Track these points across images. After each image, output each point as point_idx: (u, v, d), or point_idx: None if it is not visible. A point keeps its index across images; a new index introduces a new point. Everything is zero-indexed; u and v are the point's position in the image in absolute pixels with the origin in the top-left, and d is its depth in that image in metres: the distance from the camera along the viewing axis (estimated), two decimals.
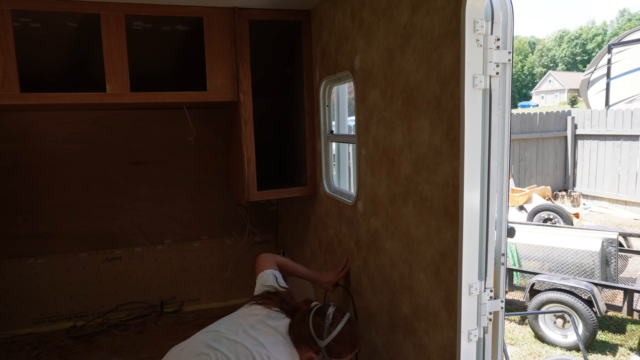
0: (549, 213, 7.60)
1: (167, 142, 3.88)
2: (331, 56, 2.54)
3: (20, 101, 2.47)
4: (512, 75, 1.46)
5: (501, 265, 1.49)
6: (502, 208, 1.47)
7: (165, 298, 4.03)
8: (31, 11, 2.52)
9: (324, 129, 2.85)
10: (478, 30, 1.36)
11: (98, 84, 2.63)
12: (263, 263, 2.38)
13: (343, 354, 1.91)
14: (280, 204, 4.17)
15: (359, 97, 2.18)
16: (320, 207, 2.95)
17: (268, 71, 3.51)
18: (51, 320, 3.78)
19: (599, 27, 76.34)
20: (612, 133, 9.87)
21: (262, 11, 2.80)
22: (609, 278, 4.72)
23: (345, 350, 1.90)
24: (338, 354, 1.90)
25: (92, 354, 3.35)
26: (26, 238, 3.67)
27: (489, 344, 1.50)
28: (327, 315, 1.91)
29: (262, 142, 3.45)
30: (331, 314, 1.92)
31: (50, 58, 3.04)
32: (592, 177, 10.41)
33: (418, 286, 1.72)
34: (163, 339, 3.54)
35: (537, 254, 5.09)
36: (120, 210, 3.87)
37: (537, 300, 4.49)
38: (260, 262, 2.40)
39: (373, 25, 1.96)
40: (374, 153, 2.06)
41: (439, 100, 1.52)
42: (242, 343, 1.82)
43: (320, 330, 1.88)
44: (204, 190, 4.04)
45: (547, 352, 4.41)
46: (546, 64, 79.88)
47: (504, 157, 1.46)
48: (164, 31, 2.99)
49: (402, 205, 1.81)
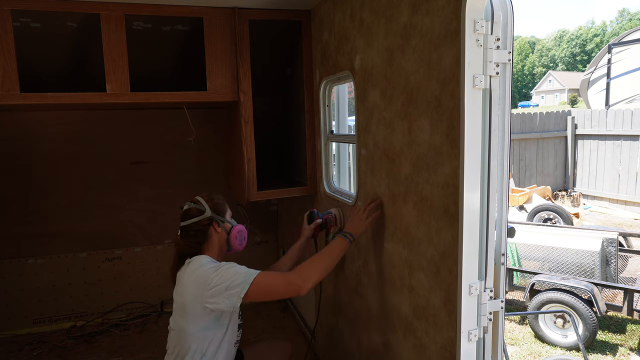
0: (549, 213, 7.60)
1: (167, 142, 3.88)
2: (331, 56, 2.54)
3: (20, 101, 2.47)
4: (512, 75, 1.46)
5: (501, 265, 1.49)
6: (502, 208, 1.47)
7: (165, 298, 4.03)
8: (31, 11, 2.52)
9: (324, 129, 2.85)
10: (478, 30, 1.35)
11: (98, 84, 2.63)
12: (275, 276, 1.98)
13: (223, 206, 2.14)
14: (280, 204, 4.17)
15: (359, 97, 2.18)
16: (321, 207, 2.95)
17: (268, 71, 3.51)
18: (51, 320, 3.78)
19: (599, 27, 76.33)
20: (612, 133, 9.86)
21: (262, 11, 2.80)
22: (609, 278, 4.72)
23: (221, 201, 2.15)
24: (221, 209, 2.11)
25: (92, 354, 3.35)
26: (26, 238, 3.67)
27: (489, 344, 1.50)
28: (186, 207, 2.10)
29: (262, 142, 3.45)
30: (187, 204, 2.12)
31: (50, 58, 3.05)
32: (592, 177, 10.41)
33: (418, 286, 1.72)
34: (163, 339, 3.51)
35: (537, 254, 5.09)
36: (120, 210, 3.87)
37: (537, 300, 4.49)
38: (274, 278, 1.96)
39: (373, 25, 1.96)
40: (374, 153, 2.06)
41: (439, 100, 1.52)
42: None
43: (197, 210, 2.06)
44: (204, 190, 4.02)
45: (547, 352, 4.41)
46: (546, 64, 79.87)
47: (504, 157, 1.46)
48: (164, 31, 2.99)
49: (402, 205, 1.81)
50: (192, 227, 2.04)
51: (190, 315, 1.87)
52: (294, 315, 3.83)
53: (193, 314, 1.87)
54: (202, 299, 1.82)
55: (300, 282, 1.83)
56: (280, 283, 1.86)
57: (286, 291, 1.87)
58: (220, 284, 1.80)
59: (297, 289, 1.83)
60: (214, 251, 2.05)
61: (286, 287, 1.85)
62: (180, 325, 1.91)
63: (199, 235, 2.03)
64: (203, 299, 1.82)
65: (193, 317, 1.87)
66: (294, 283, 1.83)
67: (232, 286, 1.80)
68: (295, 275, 1.86)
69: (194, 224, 2.03)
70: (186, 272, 1.94)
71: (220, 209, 2.12)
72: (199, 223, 2.04)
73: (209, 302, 1.82)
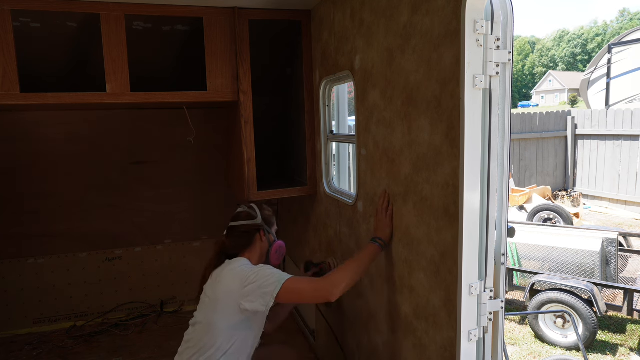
0: (549, 213, 7.60)
1: (167, 142, 3.89)
2: (331, 56, 2.54)
3: (20, 101, 2.47)
4: (512, 75, 1.46)
5: (501, 265, 1.49)
6: (502, 208, 1.47)
7: (165, 298, 4.03)
8: (31, 11, 2.52)
9: (324, 129, 2.85)
10: (478, 30, 1.35)
11: (98, 84, 2.63)
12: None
13: (272, 219, 2.28)
14: (280, 204, 4.17)
15: (359, 97, 2.18)
16: (320, 207, 2.95)
17: (268, 71, 3.51)
18: (51, 320, 3.78)
19: (600, 27, 76.32)
20: (612, 133, 9.86)
21: (262, 11, 2.80)
22: (609, 278, 4.72)
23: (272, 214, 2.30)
24: (270, 221, 2.25)
25: (92, 354, 3.35)
26: (26, 238, 3.67)
27: (489, 344, 1.50)
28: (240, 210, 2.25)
29: (262, 142, 3.45)
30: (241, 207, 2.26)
31: (50, 58, 3.04)
32: (592, 177, 10.41)
33: (418, 286, 1.72)
34: (163, 339, 3.55)
35: (537, 254, 5.09)
36: (120, 210, 3.87)
37: (537, 300, 4.49)
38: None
39: (373, 25, 1.96)
40: (374, 153, 2.06)
41: (439, 100, 1.51)
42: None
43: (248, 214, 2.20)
44: (204, 190, 4.04)
45: (547, 352, 4.41)
46: (546, 64, 79.85)
47: (504, 157, 1.46)
48: (164, 31, 2.99)
49: (402, 205, 1.82)
50: (240, 229, 2.15)
51: (222, 311, 1.92)
52: (294, 316, 3.83)
53: (225, 310, 1.92)
54: (237, 296, 1.89)
55: (330, 287, 1.84)
56: (310, 288, 1.90)
57: (315, 296, 1.90)
58: (255, 282, 1.87)
59: (326, 294, 1.84)
60: (254, 258, 2.13)
61: (315, 292, 1.88)
62: (210, 319, 1.95)
63: (245, 238, 2.14)
64: (238, 297, 1.88)
65: (224, 313, 1.92)
66: (323, 289, 1.85)
67: (266, 285, 1.85)
68: (325, 282, 1.87)
69: (243, 226, 2.16)
70: (225, 269, 2.01)
71: (269, 220, 2.25)
72: (248, 226, 2.15)
73: (244, 300, 1.87)
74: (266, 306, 1.86)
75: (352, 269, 1.90)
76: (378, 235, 1.96)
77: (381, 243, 1.95)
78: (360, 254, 1.95)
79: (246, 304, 1.87)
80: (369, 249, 1.95)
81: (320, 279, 1.90)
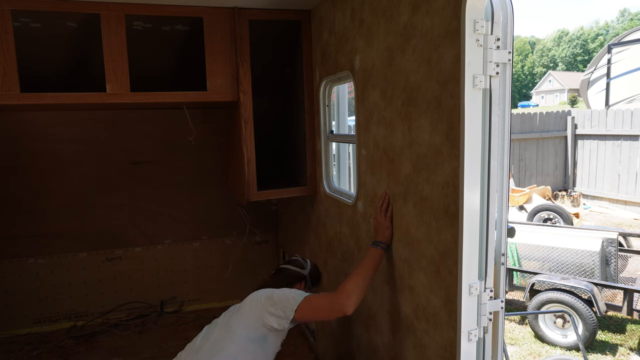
0: (549, 213, 7.60)
1: (167, 142, 3.88)
2: (331, 56, 2.54)
3: (20, 101, 2.47)
4: (512, 75, 1.46)
5: (501, 265, 1.49)
6: (502, 208, 1.47)
7: (165, 298, 4.03)
8: (31, 11, 2.52)
9: (324, 129, 2.85)
10: (478, 30, 1.35)
11: (98, 84, 2.63)
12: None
13: (318, 278, 2.50)
14: (280, 204, 4.17)
15: (359, 97, 2.18)
16: (320, 207, 2.95)
17: (268, 71, 3.51)
18: (51, 320, 3.78)
19: (601, 27, 76.29)
20: (612, 133, 9.86)
21: (262, 11, 2.80)
22: (609, 278, 4.72)
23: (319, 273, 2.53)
24: (317, 278, 2.49)
25: (92, 354, 3.35)
26: (26, 238, 3.67)
27: (489, 344, 1.50)
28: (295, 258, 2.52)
29: (262, 142, 3.45)
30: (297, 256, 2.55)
31: (50, 58, 3.04)
32: (592, 177, 10.41)
33: (418, 286, 1.72)
34: (163, 339, 3.55)
35: (537, 254, 5.09)
36: (120, 210, 3.87)
37: (537, 300, 4.49)
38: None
39: (373, 25, 1.96)
40: (374, 153, 2.06)
41: (439, 100, 1.51)
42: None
43: (300, 264, 2.45)
44: (204, 190, 4.04)
45: (547, 352, 4.41)
46: (546, 64, 79.84)
47: (504, 157, 1.46)
48: (164, 31, 2.99)
49: (402, 205, 1.82)
50: (287, 271, 2.41)
51: (244, 318, 2.03)
52: None
53: (247, 318, 2.03)
54: (263, 307, 2.01)
55: (343, 299, 1.84)
56: (325, 302, 1.95)
57: (331, 309, 1.90)
58: (279, 296, 2.02)
59: (341, 307, 1.84)
60: None
61: (330, 305, 1.90)
62: (232, 323, 2.06)
63: (287, 280, 2.34)
64: (262, 308, 2.00)
65: (246, 320, 2.03)
66: (337, 302, 1.85)
67: (287, 299, 1.98)
68: (338, 295, 1.87)
69: (291, 270, 2.41)
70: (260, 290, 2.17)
71: (315, 278, 2.48)
72: (295, 272, 2.40)
73: (267, 311, 1.98)
74: (287, 319, 1.94)
75: (361, 277, 1.89)
76: (378, 239, 1.95)
77: (383, 246, 1.94)
78: (364, 261, 1.94)
79: (267, 317, 1.97)
80: (372, 254, 1.94)
81: (333, 293, 1.90)
